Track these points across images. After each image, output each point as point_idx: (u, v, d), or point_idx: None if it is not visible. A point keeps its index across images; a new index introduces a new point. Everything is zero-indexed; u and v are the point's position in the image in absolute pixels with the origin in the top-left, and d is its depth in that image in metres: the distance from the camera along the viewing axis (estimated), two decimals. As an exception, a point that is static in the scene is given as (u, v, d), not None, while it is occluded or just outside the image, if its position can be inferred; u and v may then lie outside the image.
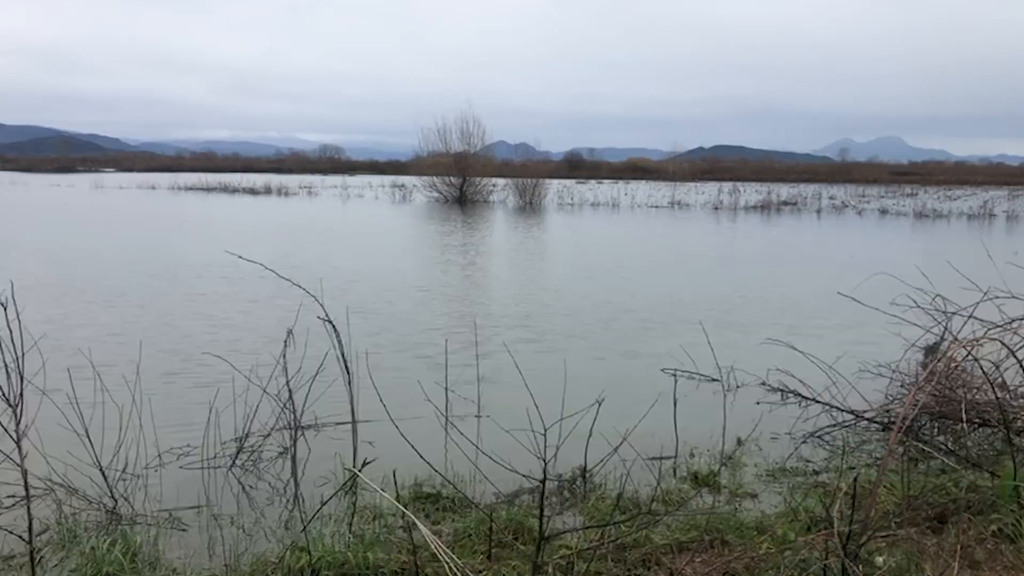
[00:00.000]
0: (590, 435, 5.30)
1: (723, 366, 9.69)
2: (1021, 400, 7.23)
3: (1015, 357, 5.76)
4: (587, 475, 6.37)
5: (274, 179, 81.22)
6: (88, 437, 6.15)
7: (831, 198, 62.38)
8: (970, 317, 7.77)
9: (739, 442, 7.54)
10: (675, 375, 8.54)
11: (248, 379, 7.37)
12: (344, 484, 6.22)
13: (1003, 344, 5.78)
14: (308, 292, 6.89)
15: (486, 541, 4.98)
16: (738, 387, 9.40)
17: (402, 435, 4.83)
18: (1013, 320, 7.82)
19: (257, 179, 79.81)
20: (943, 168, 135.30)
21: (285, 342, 7.33)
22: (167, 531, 5.66)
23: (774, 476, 6.74)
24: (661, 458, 7.14)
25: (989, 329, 7.68)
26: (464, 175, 56.36)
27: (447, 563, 3.94)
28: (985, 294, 7.73)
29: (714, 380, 9.55)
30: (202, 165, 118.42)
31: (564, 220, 41.10)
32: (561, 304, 15.19)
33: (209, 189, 67.07)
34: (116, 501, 5.98)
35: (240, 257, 7.59)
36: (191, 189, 67.36)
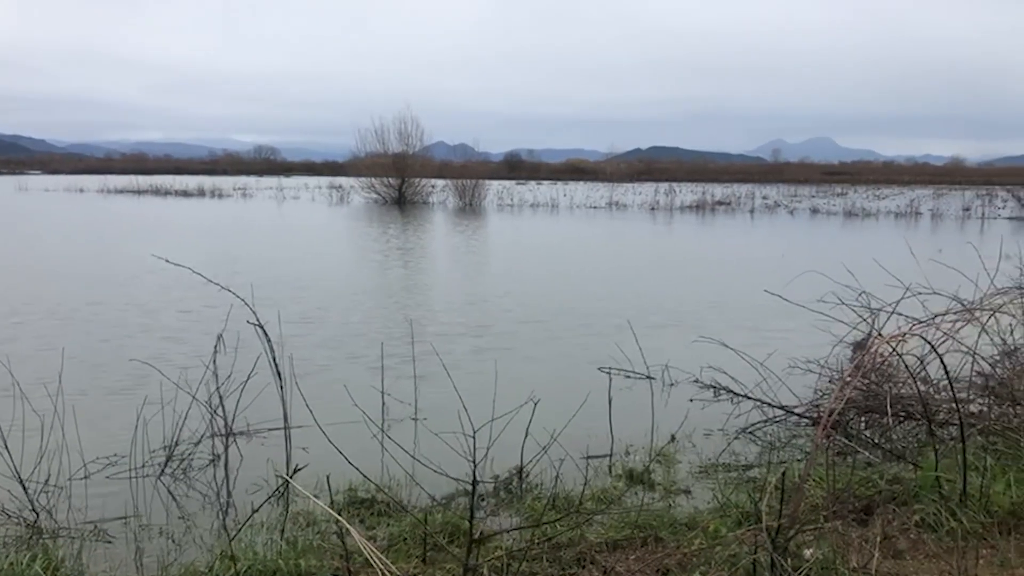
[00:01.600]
0: (526, 435, 5.31)
1: (658, 364, 9.80)
2: (943, 393, 7.45)
3: (936, 352, 5.93)
4: (523, 475, 6.37)
5: (207, 181, 79.64)
6: (7, 448, 5.93)
7: (764, 198, 63.61)
8: (893, 313, 7.99)
9: (673, 439, 7.63)
10: (610, 374, 8.59)
11: (177, 386, 7.20)
12: (275, 491, 6.12)
13: (924, 340, 5.95)
14: (238, 296, 6.77)
15: (421, 545, 4.95)
16: (672, 385, 9.52)
17: (329, 441, 4.77)
18: (936, 316, 8.06)
19: (190, 181, 78.14)
20: (872, 168, 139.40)
21: (215, 348, 7.19)
22: (92, 544, 5.50)
23: (707, 472, 6.84)
24: (597, 457, 7.19)
25: (913, 325, 7.91)
26: (403, 176, 56.00)
27: (379, 568, 3.90)
28: (908, 289, 7.96)
29: (649, 378, 9.64)
30: (133, 167, 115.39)
31: (504, 221, 41.16)
32: (500, 305, 15.19)
33: (140, 191, 65.46)
34: (37, 514, 5.78)
35: (167, 261, 7.41)
36: (121, 192, 65.64)
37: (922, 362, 7.55)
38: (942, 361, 5.99)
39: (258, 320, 6.82)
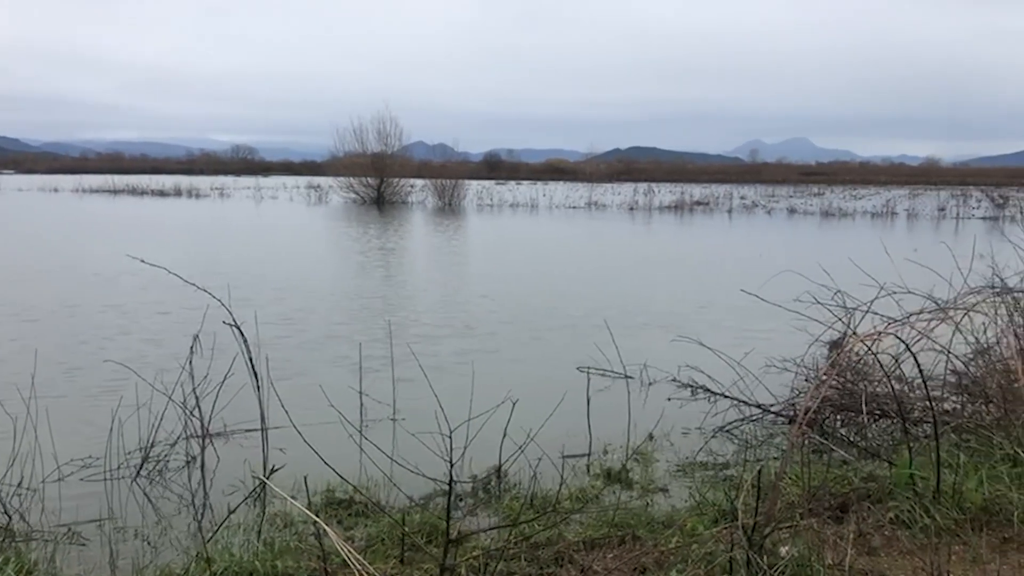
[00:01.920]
0: (504, 435, 5.30)
1: (637, 364, 9.84)
2: (918, 392, 7.52)
3: (910, 351, 6.00)
4: (501, 475, 6.38)
5: (184, 180, 79.05)
6: (-22, 451, 5.87)
7: (742, 198, 64.00)
8: (867, 312, 8.06)
9: (651, 437, 7.66)
10: (588, 374, 8.62)
11: (152, 387, 7.15)
12: (252, 492, 6.08)
13: (899, 339, 6.01)
14: (214, 296, 6.72)
15: (399, 545, 4.94)
16: (651, 384, 9.56)
17: (305, 441, 4.75)
18: (911, 315, 8.15)
19: (167, 180, 77.59)
20: (848, 168, 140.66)
21: (191, 348, 7.14)
22: (65, 546, 5.44)
23: (684, 470, 6.87)
24: (575, 456, 7.20)
25: (888, 324, 7.99)
26: (382, 176, 55.85)
27: (357, 569, 3.89)
28: (882, 288, 8.03)
29: (628, 378, 9.67)
30: (109, 166, 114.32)
31: (484, 221, 41.16)
32: (481, 306, 15.19)
33: (116, 191, 64.90)
34: (10, 517, 5.71)
35: (142, 261, 7.35)
36: (96, 191, 65.07)
37: (897, 361, 7.62)
38: (916, 360, 6.05)
39: (234, 320, 6.78)
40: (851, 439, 7.33)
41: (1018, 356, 6.89)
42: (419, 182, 58.23)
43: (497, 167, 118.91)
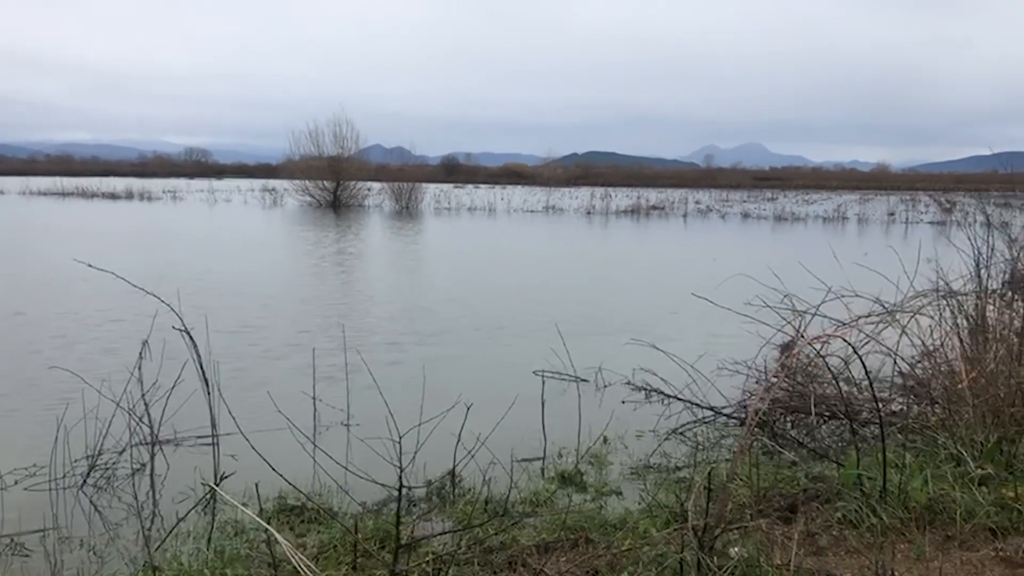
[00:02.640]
0: (458, 440, 5.30)
1: (592, 367, 9.89)
2: (865, 393, 7.67)
3: (857, 354, 6.11)
4: (455, 480, 6.36)
5: (136, 183, 77.66)
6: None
7: (697, 203, 64.65)
8: (815, 315, 8.21)
9: (605, 440, 7.70)
10: (543, 377, 8.64)
11: (100, 393, 7.01)
12: (201, 500, 5.99)
13: (846, 342, 6.12)
14: (163, 301, 6.61)
15: (351, 552, 4.90)
16: (606, 387, 9.61)
17: (253, 448, 4.70)
18: (859, 318, 8.31)
19: (118, 183, 76.14)
20: (801, 173, 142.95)
21: (140, 354, 7.02)
22: (7, 558, 5.31)
23: (638, 473, 6.92)
24: (530, 460, 7.21)
25: (836, 327, 8.14)
26: (338, 179, 55.46)
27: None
28: (830, 291, 8.18)
29: (583, 381, 9.72)
30: (58, 168, 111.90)
31: (442, 225, 41.06)
32: (438, 310, 15.15)
33: (65, 194, 63.60)
34: (-50, 529, 5.57)
35: (89, 266, 7.21)
36: (45, 194, 63.68)
37: (847, 363, 7.77)
38: (862, 362, 6.16)
39: (184, 326, 6.68)
40: (801, 440, 7.44)
41: (962, 358, 7.04)
42: (376, 185, 57.94)
43: (455, 170, 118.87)
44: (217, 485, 4.84)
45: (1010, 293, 9.31)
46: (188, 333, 6.67)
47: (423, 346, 11.90)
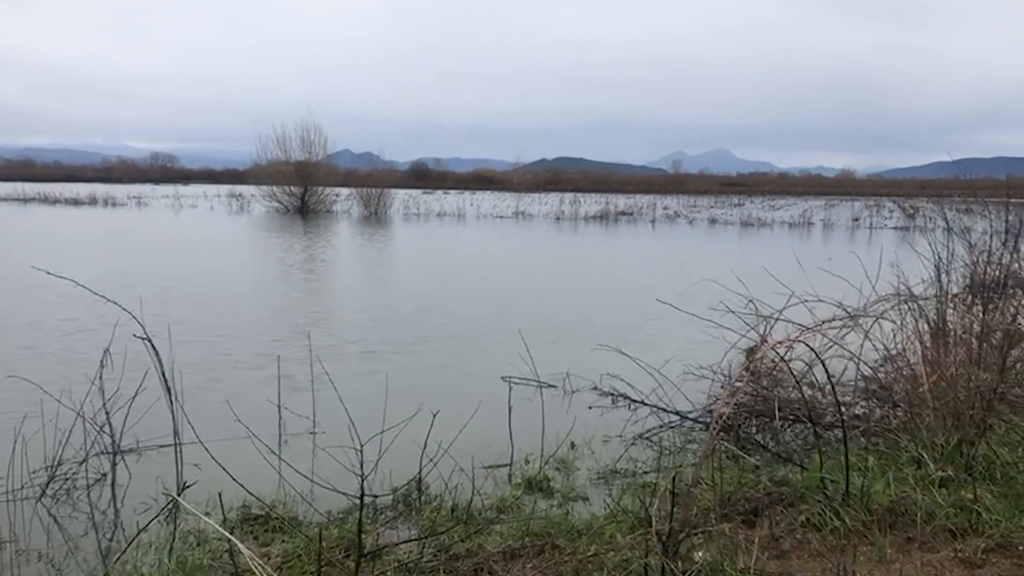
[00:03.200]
0: (424, 446, 5.28)
1: (560, 373, 9.90)
2: (829, 397, 7.75)
3: (819, 358, 6.17)
4: (421, 487, 6.33)
5: (100, 189, 76.61)
6: None
7: (665, 208, 65.11)
8: (779, 320, 8.28)
9: (572, 446, 7.71)
10: (510, 383, 8.64)
11: (59, 402, 6.89)
12: (162, 510, 5.91)
13: (808, 346, 6.17)
14: (125, 309, 6.52)
15: (316, 561, 4.86)
16: (573, 392, 9.62)
17: (213, 458, 4.65)
18: (823, 322, 8.40)
19: (81, 189, 75.02)
20: (768, 179, 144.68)
21: (102, 362, 6.92)
22: (-38, 572, 5.20)
23: (604, 478, 6.93)
24: (497, 466, 7.20)
25: (801, 332, 8.21)
26: (306, 184, 55.09)
27: (270, 586, 3.81)
28: (793, 295, 8.26)
29: (551, 386, 9.73)
30: (19, 174, 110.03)
31: (411, 231, 40.95)
32: (408, 317, 15.09)
33: (26, 200, 62.53)
34: (-98, 543, 5.44)
35: (48, 273, 7.09)
36: (5, 200, 62.60)
37: (811, 367, 7.85)
38: (824, 367, 6.23)
39: (146, 333, 6.59)
40: (766, 444, 7.50)
41: (923, 362, 7.14)
42: (344, 191, 57.65)
43: (424, 176, 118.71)
44: (179, 495, 4.78)
45: (970, 297, 9.47)
46: (150, 341, 6.59)
47: (392, 354, 11.85)
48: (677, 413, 8.19)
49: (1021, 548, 4.92)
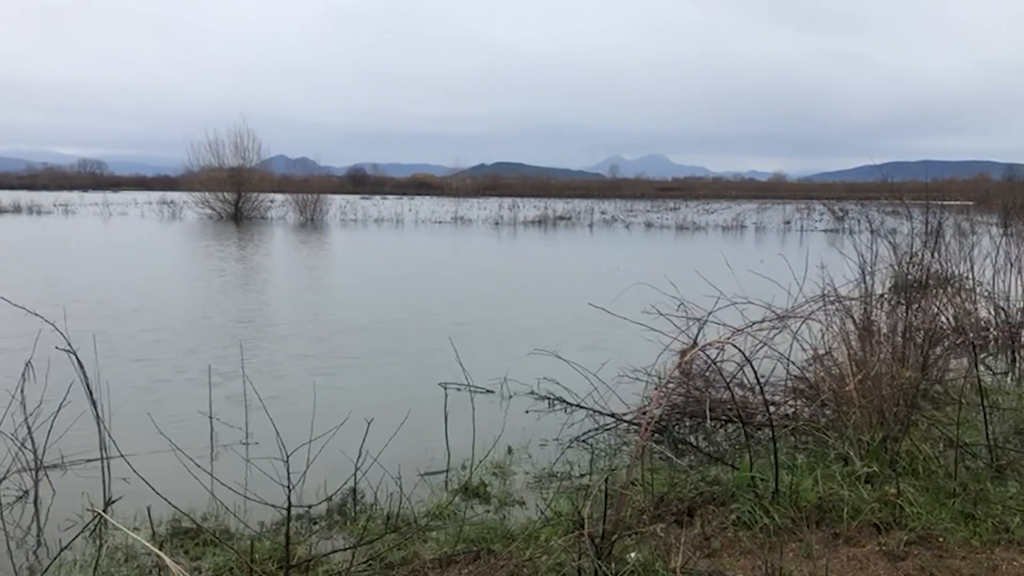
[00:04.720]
0: (359, 455, 5.23)
1: (498, 378, 9.91)
2: (759, 397, 7.90)
3: (747, 360, 6.30)
4: (356, 496, 6.28)
5: (25, 196, 74.06)
6: None
7: (602, 213, 65.67)
8: (710, 321, 8.42)
9: (509, 451, 7.72)
10: (446, 389, 8.62)
11: (-24, 418, 6.66)
12: (86, 526, 5.74)
13: (737, 348, 6.30)
14: (47, 320, 6.34)
15: (247, 574, 4.78)
16: (511, 397, 9.64)
17: (135, 471, 4.54)
18: (753, 323, 8.57)
19: (4, 196, 72.56)
20: (702, 184, 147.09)
21: (23, 375, 6.71)
22: None
23: (541, 482, 6.95)
24: (434, 473, 7.17)
25: (731, 333, 8.36)
26: (240, 191, 54.19)
27: (198, 602, 3.74)
28: (722, 297, 8.41)
29: (489, 392, 9.73)
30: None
31: (348, 236, 40.59)
32: (344, 323, 14.94)
33: (-55, 208, 60.36)
34: None
35: (-35, 283, 6.85)
36: (-78, 208, 60.34)
37: (742, 368, 7.99)
38: (752, 367, 6.36)
39: (69, 345, 6.41)
40: (699, 444, 7.62)
41: (849, 361, 7.33)
42: (280, 197, 56.90)
43: (362, 181, 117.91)
44: (104, 510, 4.65)
45: (894, 297, 9.77)
46: (74, 353, 6.41)
47: (327, 361, 11.72)
48: (612, 415, 8.26)
49: (942, 540, 5.09)
